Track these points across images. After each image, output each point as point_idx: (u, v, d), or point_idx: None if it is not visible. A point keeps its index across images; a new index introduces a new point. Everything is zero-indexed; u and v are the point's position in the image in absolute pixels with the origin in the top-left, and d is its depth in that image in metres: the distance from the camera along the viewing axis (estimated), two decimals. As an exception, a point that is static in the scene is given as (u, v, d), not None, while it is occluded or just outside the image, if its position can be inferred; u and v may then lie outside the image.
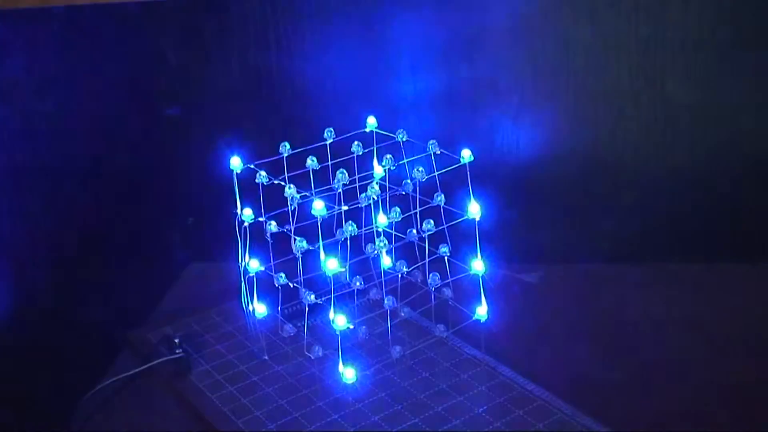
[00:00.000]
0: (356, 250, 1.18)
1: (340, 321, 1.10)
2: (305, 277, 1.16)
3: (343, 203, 1.15)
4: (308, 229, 1.14)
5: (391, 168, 1.20)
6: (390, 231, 1.19)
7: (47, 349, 1.28)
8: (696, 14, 1.36)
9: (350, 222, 1.12)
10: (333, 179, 1.17)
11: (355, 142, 1.25)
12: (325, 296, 1.13)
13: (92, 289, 1.42)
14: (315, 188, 1.20)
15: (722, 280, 1.37)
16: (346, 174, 1.16)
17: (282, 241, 1.16)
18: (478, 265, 1.15)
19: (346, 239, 1.13)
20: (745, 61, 1.38)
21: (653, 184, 1.45)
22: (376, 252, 1.17)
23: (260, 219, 1.18)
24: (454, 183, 1.18)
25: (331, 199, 1.15)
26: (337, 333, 1.10)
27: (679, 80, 1.39)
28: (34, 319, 1.35)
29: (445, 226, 1.17)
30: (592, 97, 1.42)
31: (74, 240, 1.49)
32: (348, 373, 1.13)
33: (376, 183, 1.16)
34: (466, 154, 1.18)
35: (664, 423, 1.07)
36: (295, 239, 1.12)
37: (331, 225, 1.17)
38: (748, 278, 1.37)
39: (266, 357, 1.22)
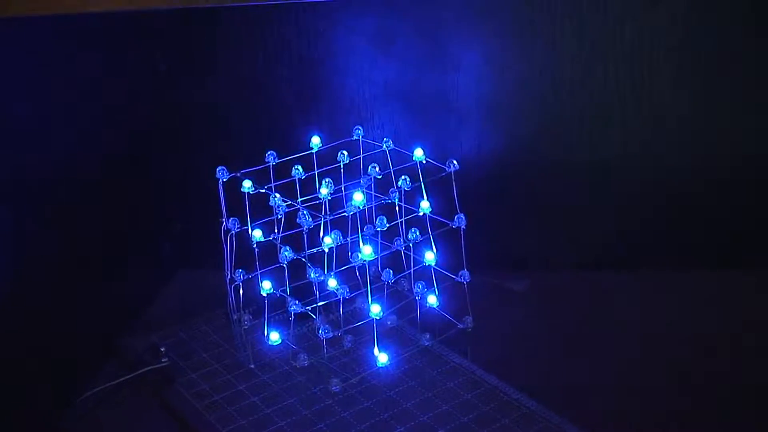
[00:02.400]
0: (344, 259, 1.18)
1: (325, 330, 1.10)
2: (293, 285, 1.16)
3: (329, 212, 1.15)
4: (295, 237, 1.14)
5: (377, 177, 1.20)
6: (376, 239, 1.19)
7: (34, 357, 1.28)
8: (682, 18, 1.36)
9: (336, 231, 1.12)
10: (319, 188, 1.17)
11: (342, 151, 1.26)
12: (311, 305, 1.13)
13: (79, 297, 1.41)
14: (301, 196, 1.20)
15: (707, 286, 1.37)
16: (332, 183, 1.16)
17: (272, 249, 1.16)
18: (463, 274, 1.16)
19: (331, 249, 1.13)
20: (732, 65, 1.38)
21: (639, 190, 1.46)
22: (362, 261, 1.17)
23: (245, 228, 1.18)
24: (441, 192, 1.18)
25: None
26: (323, 342, 1.11)
27: (665, 85, 1.40)
28: (21, 326, 1.35)
29: (430, 234, 1.17)
30: (577, 103, 1.43)
31: (62, 247, 1.48)
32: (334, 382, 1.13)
33: (361, 192, 1.16)
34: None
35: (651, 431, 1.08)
36: (280, 248, 1.12)
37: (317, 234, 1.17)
38: (733, 284, 1.37)
39: (252, 365, 1.22)
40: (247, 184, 1.18)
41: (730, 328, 1.27)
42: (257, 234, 1.19)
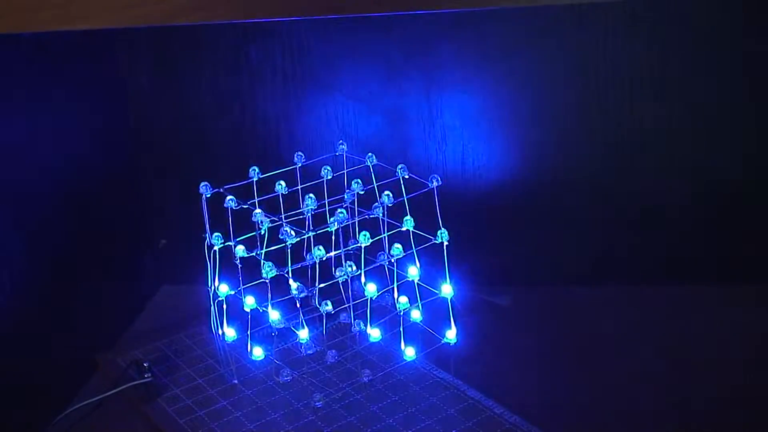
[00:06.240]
0: (327, 274, 1.18)
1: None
2: (275, 300, 1.16)
3: (312, 227, 1.16)
4: (279, 252, 1.14)
5: (360, 192, 1.21)
6: (359, 254, 1.19)
7: (16, 373, 1.27)
8: (663, 37, 1.37)
9: (319, 246, 1.12)
10: (303, 203, 1.17)
11: (325, 167, 1.26)
12: (294, 320, 1.13)
13: (62, 312, 1.41)
14: (285, 212, 1.20)
15: (690, 302, 1.38)
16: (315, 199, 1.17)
17: (254, 264, 1.16)
18: (446, 289, 1.16)
19: (315, 264, 1.13)
20: (714, 83, 1.39)
21: (621, 207, 1.46)
22: (345, 276, 1.17)
23: (228, 243, 1.18)
24: (424, 206, 1.19)
25: (300, 223, 1.15)
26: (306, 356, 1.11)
27: (648, 104, 1.40)
28: (2, 343, 1.34)
29: (414, 250, 1.17)
30: (559, 120, 1.43)
31: (44, 262, 1.48)
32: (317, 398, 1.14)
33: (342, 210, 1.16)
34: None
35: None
36: (263, 264, 1.12)
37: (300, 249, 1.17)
38: (714, 299, 1.38)
39: (236, 381, 1.22)
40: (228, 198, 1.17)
41: (721, 343, 1.27)
42: (240, 249, 1.19)
